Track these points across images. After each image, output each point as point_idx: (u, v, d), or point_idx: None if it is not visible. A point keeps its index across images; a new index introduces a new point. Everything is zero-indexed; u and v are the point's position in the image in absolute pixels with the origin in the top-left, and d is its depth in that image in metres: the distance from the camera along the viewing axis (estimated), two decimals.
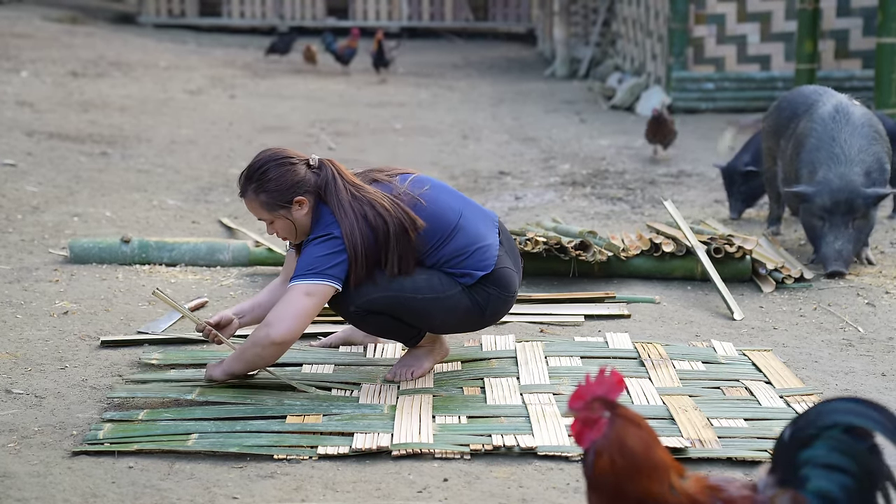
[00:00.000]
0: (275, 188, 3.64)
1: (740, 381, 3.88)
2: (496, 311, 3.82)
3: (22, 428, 3.43)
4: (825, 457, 2.08)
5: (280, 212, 3.67)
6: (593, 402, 2.19)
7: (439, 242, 3.71)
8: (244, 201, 3.74)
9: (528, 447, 3.27)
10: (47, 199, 6.84)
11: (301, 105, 12.13)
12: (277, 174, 3.64)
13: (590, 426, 2.18)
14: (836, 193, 5.36)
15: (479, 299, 3.75)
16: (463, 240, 3.73)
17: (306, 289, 3.58)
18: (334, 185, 3.66)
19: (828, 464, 2.07)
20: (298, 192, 3.65)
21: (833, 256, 5.34)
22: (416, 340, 3.85)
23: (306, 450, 3.27)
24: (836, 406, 2.13)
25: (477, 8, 22.44)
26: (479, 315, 3.79)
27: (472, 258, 3.73)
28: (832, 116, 5.56)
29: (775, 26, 11.51)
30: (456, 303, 3.73)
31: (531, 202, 7.32)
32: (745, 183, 6.68)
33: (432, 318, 3.74)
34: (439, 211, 3.73)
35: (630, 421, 2.18)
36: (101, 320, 4.54)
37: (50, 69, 12.93)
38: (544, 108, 12.62)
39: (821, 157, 5.48)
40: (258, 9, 21.82)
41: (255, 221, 6.49)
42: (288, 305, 3.58)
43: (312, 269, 3.58)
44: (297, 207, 3.66)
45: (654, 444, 2.18)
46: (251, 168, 3.69)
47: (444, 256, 3.72)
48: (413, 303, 3.68)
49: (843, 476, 2.06)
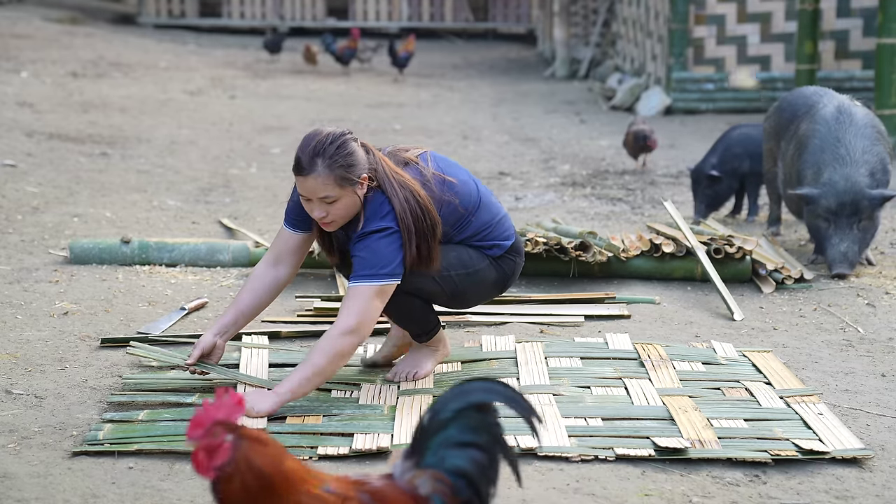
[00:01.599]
0: (351, 162, 3.53)
1: (740, 381, 3.88)
2: (515, 277, 3.92)
3: (22, 428, 3.43)
4: (458, 436, 2.21)
5: (350, 188, 3.54)
6: (214, 427, 2.12)
7: (468, 218, 3.74)
8: (307, 179, 3.52)
9: (528, 447, 3.27)
10: (47, 200, 6.84)
11: (301, 105, 12.13)
12: (353, 149, 3.55)
13: (213, 453, 2.11)
14: (841, 195, 5.35)
15: (505, 269, 3.83)
16: (486, 214, 3.79)
17: (378, 290, 3.53)
18: (383, 169, 3.61)
19: (461, 442, 2.20)
20: (365, 169, 3.58)
21: (838, 258, 5.33)
22: (429, 335, 3.84)
23: (306, 450, 3.27)
24: (467, 388, 2.25)
25: (477, 8, 22.44)
26: (504, 284, 3.88)
27: (496, 229, 3.81)
28: (835, 117, 5.55)
29: (775, 27, 11.51)
30: (486, 276, 3.79)
31: (531, 203, 7.32)
32: (710, 186, 6.66)
33: (467, 294, 3.80)
34: (466, 189, 3.76)
35: (255, 440, 2.14)
36: (101, 321, 4.54)
37: (50, 70, 12.93)
38: (544, 108, 12.62)
39: (825, 158, 5.47)
40: (258, 9, 21.83)
41: (255, 222, 6.50)
42: (367, 311, 3.51)
43: (381, 268, 3.53)
44: (360, 186, 3.57)
45: (282, 458, 2.14)
46: (319, 143, 3.52)
47: (472, 231, 3.76)
48: (448, 281, 3.71)
49: (473, 450, 2.20)
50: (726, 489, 3.08)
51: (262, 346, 4.17)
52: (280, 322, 4.58)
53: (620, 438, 3.37)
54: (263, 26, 21.12)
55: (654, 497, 3.03)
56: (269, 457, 2.13)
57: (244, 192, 7.49)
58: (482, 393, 2.25)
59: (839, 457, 3.26)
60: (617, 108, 12.49)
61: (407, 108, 12.38)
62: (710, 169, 6.63)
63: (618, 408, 3.62)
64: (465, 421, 2.21)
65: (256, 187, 7.59)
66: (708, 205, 6.69)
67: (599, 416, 3.54)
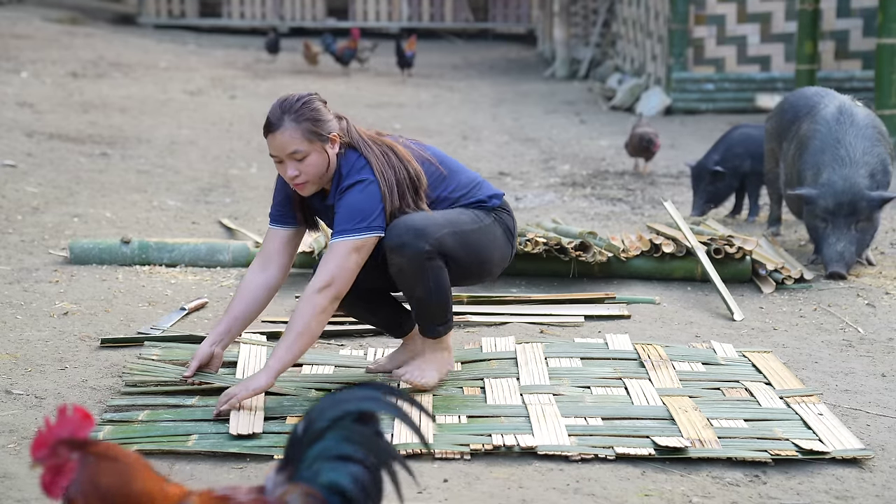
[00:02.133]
0: (318, 117, 3.58)
1: (740, 381, 3.88)
2: (516, 236, 3.90)
3: (22, 428, 3.43)
4: (335, 448, 2.06)
5: (319, 143, 3.57)
6: (58, 446, 1.98)
7: (451, 177, 3.76)
8: (274, 135, 3.56)
9: (528, 447, 3.27)
10: (47, 200, 6.84)
11: None
12: (318, 106, 3.61)
13: (59, 473, 1.97)
14: (839, 195, 5.36)
15: (508, 224, 3.82)
16: (466, 175, 3.83)
17: (354, 244, 3.51)
18: (356, 131, 3.67)
19: (338, 455, 2.06)
20: (334, 128, 3.62)
21: (834, 258, 5.34)
22: (445, 328, 3.73)
23: None
24: (345, 396, 2.12)
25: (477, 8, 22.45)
26: (511, 239, 3.84)
27: (484, 186, 3.82)
28: (836, 118, 5.55)
29: (775, 27, 11.51)
30: (493, 230, 3.77)
31: (531, 203, 7.32)
32: (711, 182, 6.67)
33: (482, 250, 3.72)
34: (438, 151, 3.85)
35: (103, 457, 2.00)
36: (102, 321, 4.54)
37: (50, 70, 12.93)
38: (544, 108, 12.62)
39: (825, 159, 5.46)
40: (258, 9, 21.84)
41: (255, 222, 6.50)
42: (342, 263, 3.49)
43: (358, 221, 3.52)
44: (331, 144, 3.61)
45: (133, 475, 2.00)
46: (286, 101, 3.61)
47: (459, 187, 3.76)
48: (469, 236, 3.67)
49: (352, 465, 2.05)
50: (726, 489, 3.08)
51: (262, 344, 4.17)
52: (280, 322, 4.58)
53: (620, 438, 3.37)
54: (263, 26, 21.12)
55: (654, 497, 3.03)
56: (118, 475, 1.98)
57: (244, 193, 7.49)
58: (361, 401, 2.11)
59: (839, 457, 3.26)
60: (617, 109, 12.49)
61: (407, 108, 12.38)
62: (713, 165, 6.64)
63: (618, 408, 3.62)
64: (342, 431, 2.07)
65: (256, 187, 7.59)
66: (707, 201, 6.70)
67: (599, 416, 3.53)
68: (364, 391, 2.14)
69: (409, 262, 3.57)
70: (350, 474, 2.05)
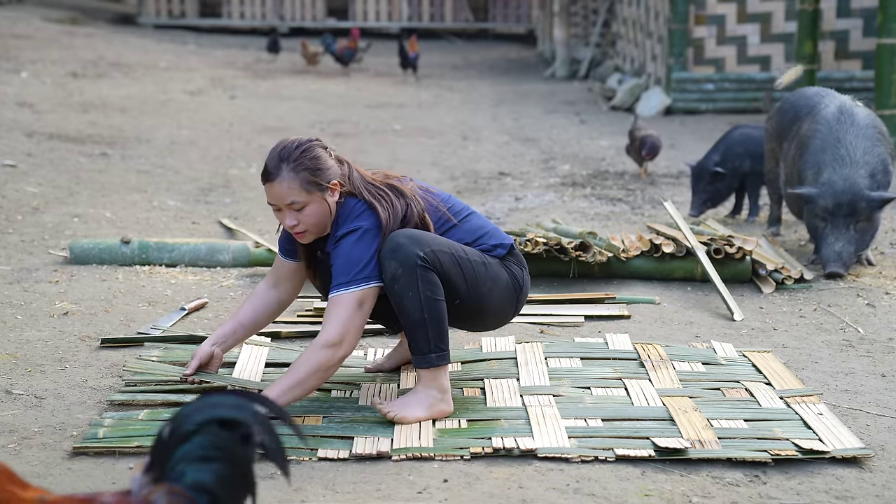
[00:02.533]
0: (318, 166, 3.47)
1: (740, 382, 3.88)
2: (525, 292, 3.74)
3: (22, 429, 3.43)
4: (200, 450, 2.07)
5: (318, 193, 3.47)
6: None
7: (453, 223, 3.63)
8: (273, 185, 3.47)
9: (528, 449, 3.27)
10: (47, 200, 6.84)
11: (301, 106, 12.13)
12: (317, 154, 3.49)
13: None
14: (839, 195, 5.36)
15: (515, 273, 3.67)
16: (479, 220, 3.73)
17: (359, 297, 3.42)
18: (358, 176, 3.57)
19: (202, 456, 2.06)
20: (334, 175, 3.51)
21: (832, 258, 5.34)
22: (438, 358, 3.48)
23: (306, 451, 3.27)
24: (214, 400, 2.13)
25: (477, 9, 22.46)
26: (517, 291, 3.68)
27: (494, 235, 3.70)
28: (836, 118, 5.55)
29: (775, 27, 11.52)
30: (498, 273, 3.62)
31: (531, 203, 7.32)
32: (711, 183, 6.68)
33: (482, 286, 3.57)
34: (447, 197, 3.72)
35: None
36: (101, 321, 4.54)
37: (50, 70, 12.93)
38: (544, 108, 12.62)
39: (825, 158, 5.46)
40: (258, 9, 21.84)
41: (255, 222, 6.50)
42: (350, 321, 3.39)
43: (359, 271, 3.42)
44: (331, 192, 3.50)
45: None
46: (285, 149, 3.49)
47: (468, 233, 3.65)
48: (467, 264, 3.53)
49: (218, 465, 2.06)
50: (726, 489, 3.08)
51: (264, 345, 4.17)
52: (280, 322, 4.58)
53: (620, 439, 3.36)
54: (263, 26, 21.13)
55: (654, 497, 3.03)
56: None
57: (244, 193, 7.50)
58: (230, 409, 2.10)
59: (839, 457, 3.26)
60: (617, 109, 12.50)
61: (407, 108, 12.39)
62: (714, 165, 6.64)
63: (618, 408, 3.62)
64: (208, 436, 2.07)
65: (256, 188, 7.59)
66: (705, 201, 6.70)
67: (599, 417, 3.53)
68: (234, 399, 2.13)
69: (402, 265, 3.42)
70: (215, 472, 2.06)
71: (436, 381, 3.51)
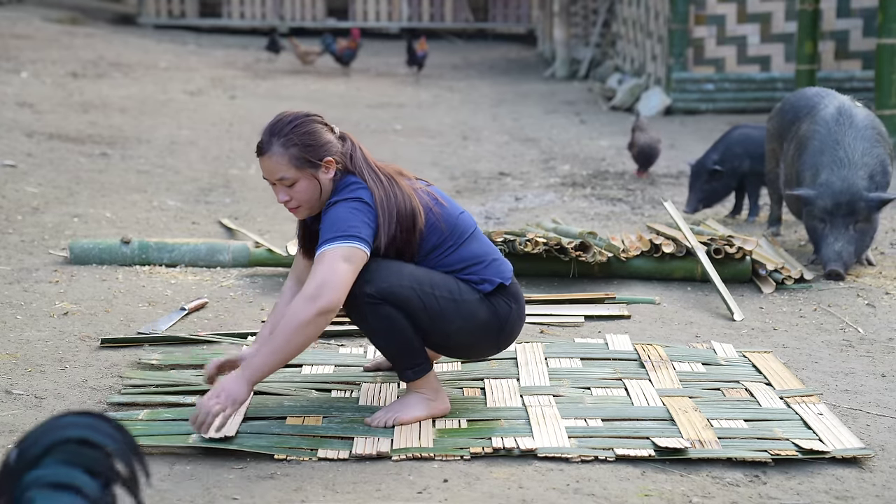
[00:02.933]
0: (308, 142, 3.36)
1: (740, 382, 3.88)
2: (512, 328, 3.53)
3: (22, 429, 3.43)
4: (53, 475, 1.91)
5: (309, 170, 3.36)
6: None
7: (454, 246, 3.46)
8: (263, 159, 3.39)
9: (528, 449, 3.27)
10: (47, 200, 6.84)
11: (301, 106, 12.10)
12: (311, 129, 3.38)
13: None
14: (837, 196, 5.36)
15: (499, 311, 3.47)
16: (478, 248, 3.50)
17: (343, 253, 3.24)
18: (361, 156, 3.43)
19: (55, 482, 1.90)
20: (329, 152, 3.39)
21: (832, 257, 5.34)
22: (416, 372, 3.45)
23: (306, 452, 3.27)
24: (63, 421, 1.98)
25: (477, 9, 22.45)
26: (498, 331, 3.50)
27: (489, 268, 3.48)
28: (835, 119, 5.55)
29: (775, 27, 11.52)
30: (474, 311, 3.43)
31: (531, 203, 7.32)
32: (708, 181, 6.68)
33: (449, 324, 3.40)
34: (456, 213, 3.51)
35: None
36: (102, 321, 4.54)
37: (50, 70, 12.93)
38: (544, 108, 12.62)
39: (824, 160, 5.47)
40: (258, 10, 21.84)
41: (255, 222, 6.50)
42: (331, 273, 3.21)
43: (346, 230, 3.26)
44: (325, 170, 3.39)
45: None
46: (278, 122, 3.39)
47: (458, 261, 3.46)
48: (431, 300, 3.36)
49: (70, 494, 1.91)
50: (726, 489, 3.08)
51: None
52: None
53: (620, 439, 3.36)
54: (263, 26, 21.13)
55: (654, 497, 3.03)
56: None
57: (244, 193, 7.50)
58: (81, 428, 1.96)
59: (839, 457, 3.26)
60: (617, 109, 12.50)
61: (407, 108, 12.39)
62: (712, 164, 6.65)
63: (618, 408, 3.62)
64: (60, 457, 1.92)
65: (256, 188, 7.59)
66: (701, 199, 6.71)
67: (599, 417, 3.53)
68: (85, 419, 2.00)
69: (349, 301, 3.32)
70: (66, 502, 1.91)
71: (423, 383, 3.48)
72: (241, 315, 4.70)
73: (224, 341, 4.31)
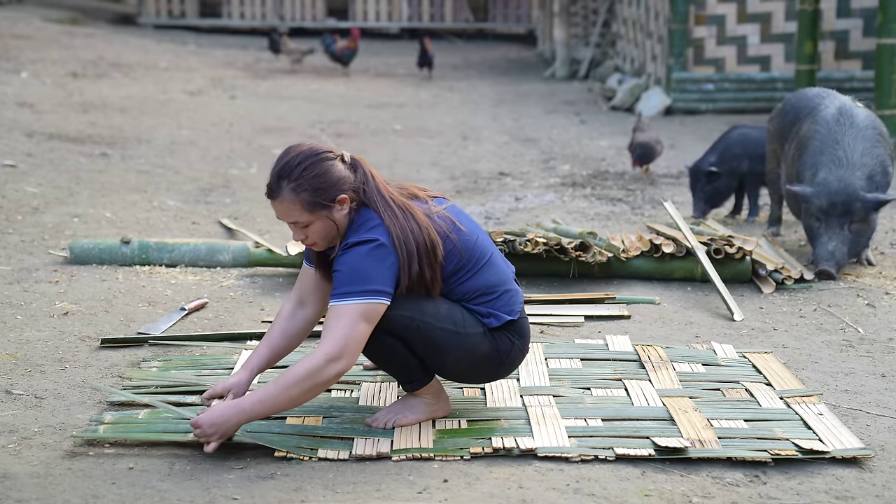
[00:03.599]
0: (319, 185, 3.24)
1: (740, 382, 3.88)
2: (513, 362, 3.49)
3: (22, 429, 3.43)
4: None
5: (322, 212, 3.27)
6: None
7: (470, 273, 3.38)
8: (275, 203, 3.30)
9: (528, 449, 3.27)
10: (47, 200, 6.84)
11: (301, 106, 12.13)
12: (321, 170, 3.25)
13: None
14: (833, 195, 5.36)
15: (500, 346, 3.42)
16: (493, 277, 3.42)
17: (363, 311, 3.18)
18: (374, 186, 3.31)
19: None
20: (342, 189, 3.27)
21: (825, 256, 5.33)
22: (414, 385, 3.43)
23: (306, 451, 3.27)
24: None
25: (477, 9, 22.46)
26: (497, 364, 3.45)
27: (500, 300, 3.42)
28: (836, 119, 5.55)
29: (775, 27, 11.52)
30: (476, 344, 3.38)
31: (531, 203, 7.32)
32: (708, 183, 6.67)
33: (446, 355, 3.36)
34: (474, 238, 3.42)
35: None
36: (101, 321, 4.54)
37: (50, 70, 12.94)
38: (544, 108, 12.62)
39: (823, 159, 5.47)
40: (258, 10, 21.84)
41: (255, 222, 6.50)
42: (352, 333, 3.18)
43: (366, 285, 3.19)
44: (339, 207, 3.28)
45: None
46: (286, 165, 3.26)
47: (471, 291, 3.39)
48: (431, 331, 3.31)
49: None
50: (726, 489, 3.08)
51: None
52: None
53: (620, 439, 3.36)
54: (263, 26, 21.13)
55: (654, 497, 3.03)
56: None
57: (244, 193, 7.50)
58: None
59: (839, 457, 3.26)
60: (617, 109, 12.50)
61: (407, 108, 12.39)
62: (709, 166, 6.64)
63: (618, 408, 3.62)
64: None
65: (256, 188, 7.59)
66: (706, 201, 6.70)
67: (599, 417, 3.53)
68: None
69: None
70: None
71: (424, 389, 3.46)
72: (241, 315, 4.70)
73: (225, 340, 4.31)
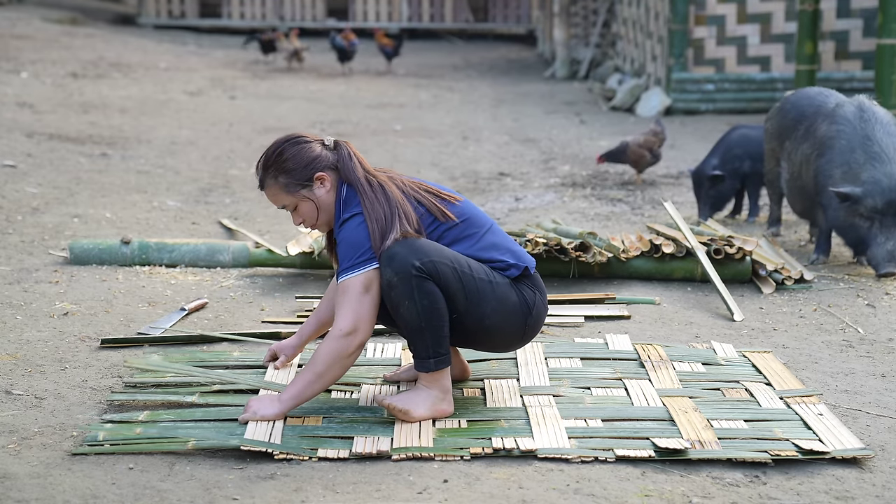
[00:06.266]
0: (293, 167, 3.51)
1: (740, 382, 3.88)
2: (539, 315, 3.60)
3: (22, 429, 3.43)
4: None
5: (301, 192, 3.52)
6: None
7: (478, 233, 3.55)
8: (265, 192, 3.61)
9: (528, 450, 3.27)
10: (47, 201, 6.84)
11: (301, 106, 12.13)
12: (293, 152, 3.52)
13: None
14: (887, 193, 5.25)
15: (525, 297, 3.55)
16: (499, 238, 3.60)
17: (363, 281, 3.41)
18: (353, 164, 3.53)
19: None
20: (318, 168, 3.52)
21: (886, 258, 5.25)
22: (437, 362, 3.47)
23: (306, 451, 3.27)
24: None
25: (477, 9, 22.46)
26: (526, 315, 3.55)
27: (509, 253, 3.57)
28: (858, 115, 5.48)
29: (775, 27, 11.52)
30: (506, 293, 3.51)
31: (531, 203, 7.32)
32: (712, 187, 6.66)
33: (485, 304, 3.47)
34: (473, 209, 3.62)
35: None
36: (101, 321, 4.54)
37: (50, 70, 12.94)
38: (544, 109, 12.62)
39: (858, 157, 5.37)
40: (258, 10, 21.85)
41: (255, 222, 6.50)
42: (359, 307, 3.40)
43: (358, 256, 3.42)
44: (318, 185, 3.52)
45: None
46: (266, 155, 3.57)
47: (484, 248, 3.54)
48: (469, 280, 3.44)
49: None
50: (726, 490, 3.08)
51: None
52: (280, 322, 4.58)
53: (620, 439, 3.36)
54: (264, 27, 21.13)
55: (654, 498, 3.03)
56: None
57: (244, 193, 7.50)
58: None
59: (839, 457, 3.26)
60: (617, 109, 12.50)
61: (407, 108, 12.39)
62: (712, 170, 6.63)
63: (618, 409, 3.62)
64: None
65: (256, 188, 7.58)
66: (712, 206, 6.69)
67: (599, 418, 3.53)
68: None
69: (397, 274, 3.37)
70: None
71: (437, 381, 3.50)
72: (241, 315, 4.70)
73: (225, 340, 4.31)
